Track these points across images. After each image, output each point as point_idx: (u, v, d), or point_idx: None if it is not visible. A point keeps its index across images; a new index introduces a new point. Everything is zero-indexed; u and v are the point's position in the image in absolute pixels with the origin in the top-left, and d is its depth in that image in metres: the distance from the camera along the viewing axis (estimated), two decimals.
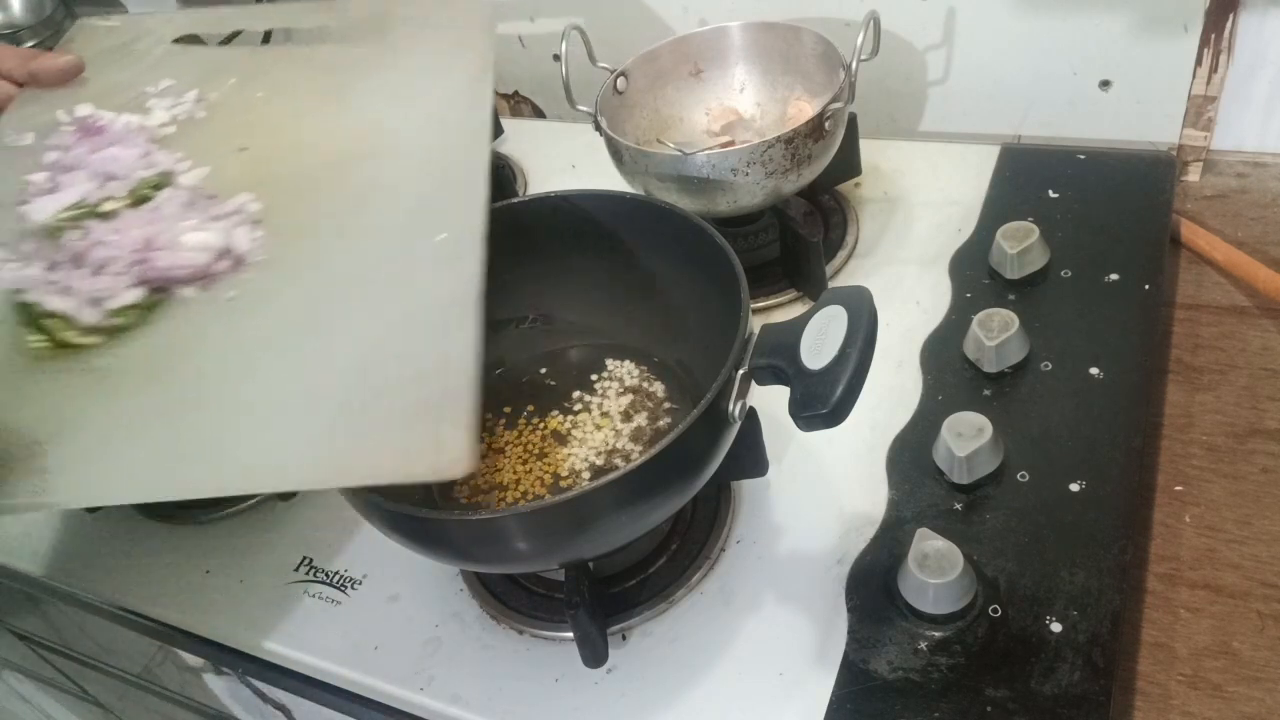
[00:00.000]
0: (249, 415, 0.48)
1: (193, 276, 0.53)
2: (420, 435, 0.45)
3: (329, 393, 0.48)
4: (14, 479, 0.46)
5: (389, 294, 0.52)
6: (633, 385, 0.67)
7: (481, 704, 0.58)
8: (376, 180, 0.60)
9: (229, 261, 0.55)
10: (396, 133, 0.63)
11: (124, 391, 0.49)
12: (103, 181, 0.59)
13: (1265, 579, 0.56)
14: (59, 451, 0.46)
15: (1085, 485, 0.60)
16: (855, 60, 0.72)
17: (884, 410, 0.67)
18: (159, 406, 0.48)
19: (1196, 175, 0.83)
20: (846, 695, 0.54)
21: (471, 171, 0.58)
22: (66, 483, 0.46)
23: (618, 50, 0.82)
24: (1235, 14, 0.75)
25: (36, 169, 0.61)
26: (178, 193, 0.58)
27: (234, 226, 0.56)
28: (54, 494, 0.45)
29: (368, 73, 0.69)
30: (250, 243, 0.56)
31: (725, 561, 0.62)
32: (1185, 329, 0.71)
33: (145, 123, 0.64)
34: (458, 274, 0.52)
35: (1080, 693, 0.51)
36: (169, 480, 0.46)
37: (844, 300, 0.50)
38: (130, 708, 1.13)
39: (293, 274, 0.54)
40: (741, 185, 0.71)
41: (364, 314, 0.52)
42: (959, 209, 0.81)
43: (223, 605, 0.67)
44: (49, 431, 0.47)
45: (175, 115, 0.65)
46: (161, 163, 0.61)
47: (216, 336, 0.51)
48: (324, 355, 0.50)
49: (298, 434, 0.47)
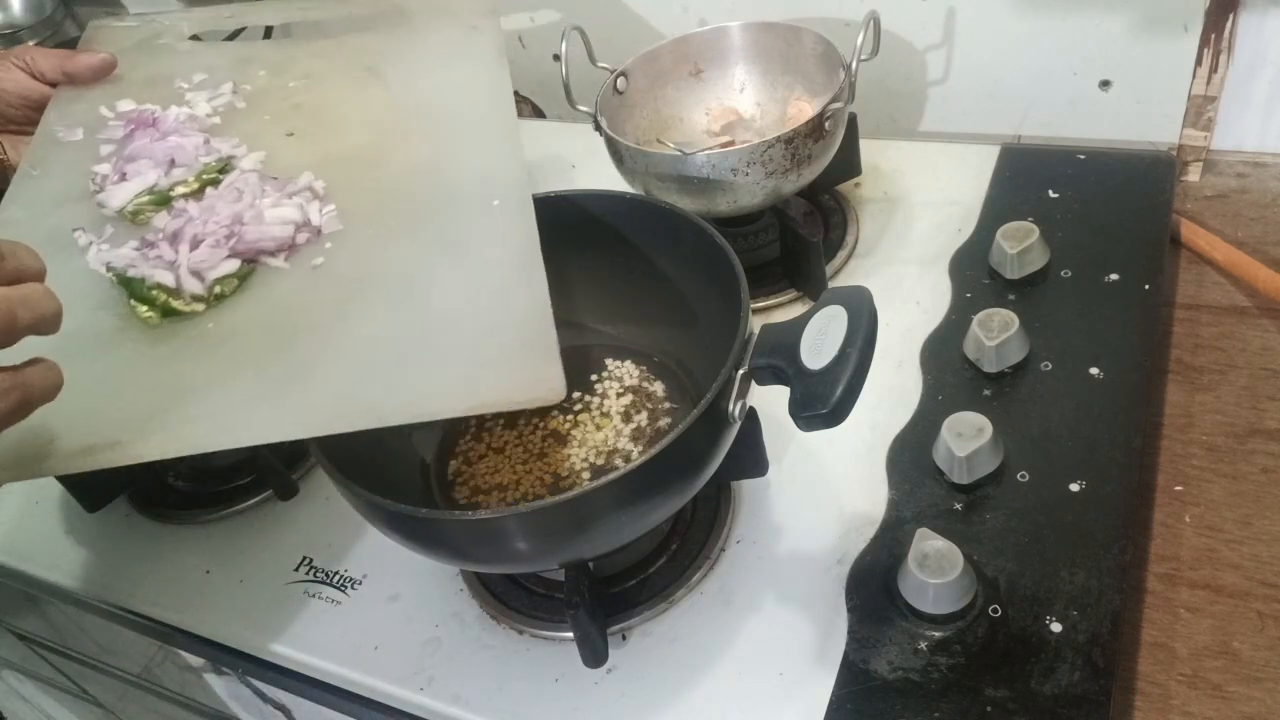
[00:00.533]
0: (361, 361, 0.52)
1: (279, 247, 0.58)
2: (522, 370, 0.50)
3: (431, 338, 0.53)
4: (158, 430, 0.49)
5: (462, 255, 0.57)
6: (633, 385, 0.67)
7: (481, 704, 0.58)
8: (423, 153, 0.65)
9: (309, 233, 0.59)
10: (431, 110, 0.68)
11: (240, 349, 0.54)
12: (168, 168, 0.63)
13: (1265, 579, 0.56)
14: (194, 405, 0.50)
15: (1085, 485, 0.60)
16: (855, 60, 0.72)
17: (884, 410, 0.67)
18: (274, 359, 0.53)
19: (1196, 175, 0.83)
20: (846, 695, 0.54)
21: (507, 140, 0.64)
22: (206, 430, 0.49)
23: (618, 50, 0.82)
24: (1235, 14, 0.75)
25: (97, 161, 0.65)
26: (246, 175, 0.62)
27: (307, 202, 0.60)
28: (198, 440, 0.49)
29: (393, 57, 0.73)
30: (323, 216, 0.60)
31: (725, 561, 0.62)
32: (1185, 329, 0.71)
33: (194, 113, 0.68)
34: (517, 233, 0.57)
35: (1080, 693, 0.51)
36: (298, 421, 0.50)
37: (844, 300, 0.50)
38: (130, 708, 1.13)
39: (369, 241, 0.59)
40: (741, 185, 0.71)
41: (444, 272, 0.56)
42: (959, 209, 0.81)
43: (223, 605, 0.67)
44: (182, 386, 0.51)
45: (216, 106, 0.69)
46: (220, 149, 0.65)
47: (312, 298, 0.56)
48: (417, 308, 0.55)
49: (410, 374, 0.51)
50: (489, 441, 0.66)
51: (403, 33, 0.76)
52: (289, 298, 0.56)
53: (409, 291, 0.56)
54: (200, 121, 0.67)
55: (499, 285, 0.55)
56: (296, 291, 0.56)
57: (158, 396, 0.51)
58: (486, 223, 0.59)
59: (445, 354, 0.52)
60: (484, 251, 0.57)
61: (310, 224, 0.59)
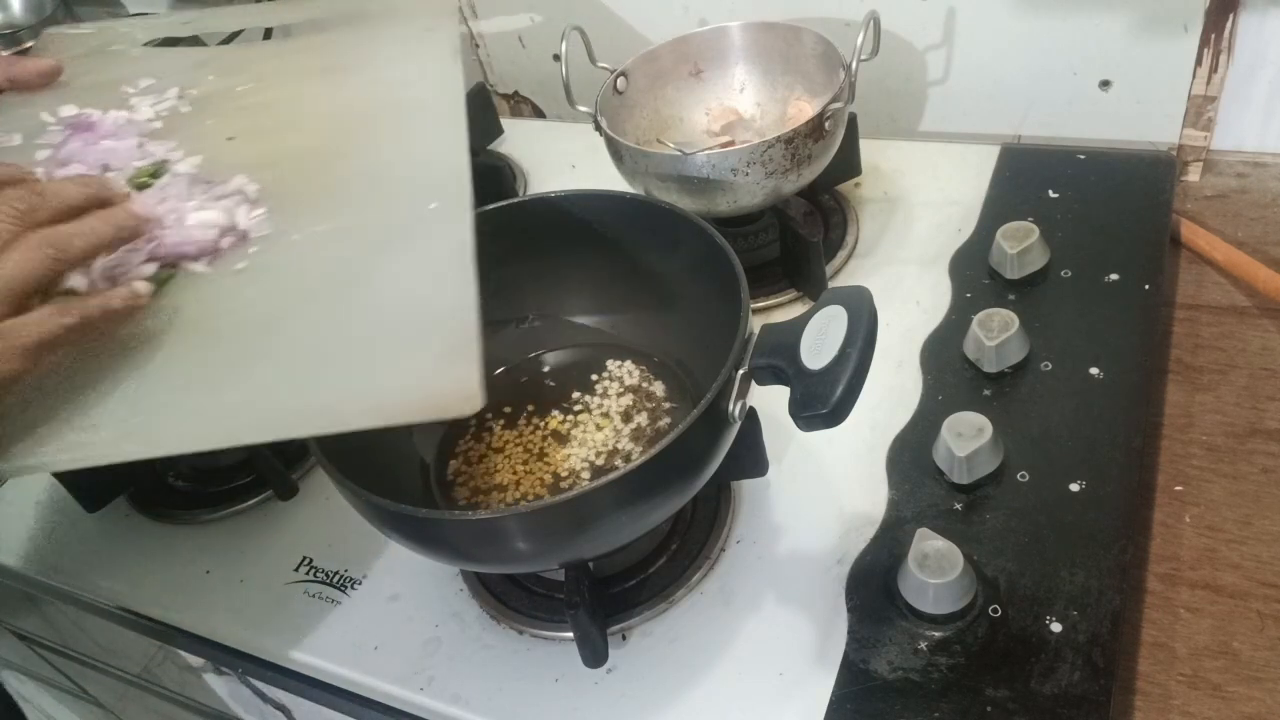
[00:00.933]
0: (272, 371, 0.51)
1: (201, 252, 0.56)
2: (439, 381, 0.48)
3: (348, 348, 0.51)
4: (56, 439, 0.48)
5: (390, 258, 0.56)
6: (633, 385, 0.67)
7: (481, 704, 0.58)
8: (365, 155, 0.63)
9: (234, 238, 0.58)
10: (379, 111, 0.67)
11: (148, 356, 0.52)
12: (100, 173, 0.61)
13: (1265, 579, 0.56)
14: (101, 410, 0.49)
15: (1085, 485, 0.60)
16: (855, 60, 0.72)
17: (884, 410, 0.67)
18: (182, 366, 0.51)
19: (1196, 175, 0.83)
20: (846, 695, 0.54)
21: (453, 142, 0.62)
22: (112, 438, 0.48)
23: (618, 50, 0.82)
24: (1235, 14, 0.75)
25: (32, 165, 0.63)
26: (177, 178, 0.60)
27: (235, 206, 0.59)
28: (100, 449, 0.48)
29: (347, 58, 0.72)
30: (251, 220, 0.58)
31: (725, 561, 0.62)
32: (1185, 329, 0.71)
33: (134, 118, 0.66)
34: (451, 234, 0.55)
35: (1080, 693, 0.51)
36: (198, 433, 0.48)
37: (844, 300, 0.50)
38: (130, 708, 1.13)
39: (297, 246, 0.57)
40: (741, 185, 0.71)
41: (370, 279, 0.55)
42: (959, 209, 0.81)
43: (223, 605, 0.67)
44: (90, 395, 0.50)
45: (160, 111, 0.68)
46: (155, 153, 0.63)
47: (230, 303, 0.55)
48: (337, 316, 0.53)
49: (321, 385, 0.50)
50: (489, 442, 0.66)
51: (360, 33, 0.75)
52: (207, 304, 0.54)
53: (331, 299, 0.54)
54: (140, 126, 0.66)
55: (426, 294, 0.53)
56: (216, 297, 0.55)
57: (55, 403, 0.49)
58: (420, 228, 0.57)
59: (360, 365, 0.50)
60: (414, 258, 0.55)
61: (236, 228, 0.58)
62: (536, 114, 1.14)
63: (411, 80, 0.69)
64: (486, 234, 0.59)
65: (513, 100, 1.15)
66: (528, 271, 0.68)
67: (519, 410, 0.68)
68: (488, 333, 0.49)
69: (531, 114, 1.15)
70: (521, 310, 0.71)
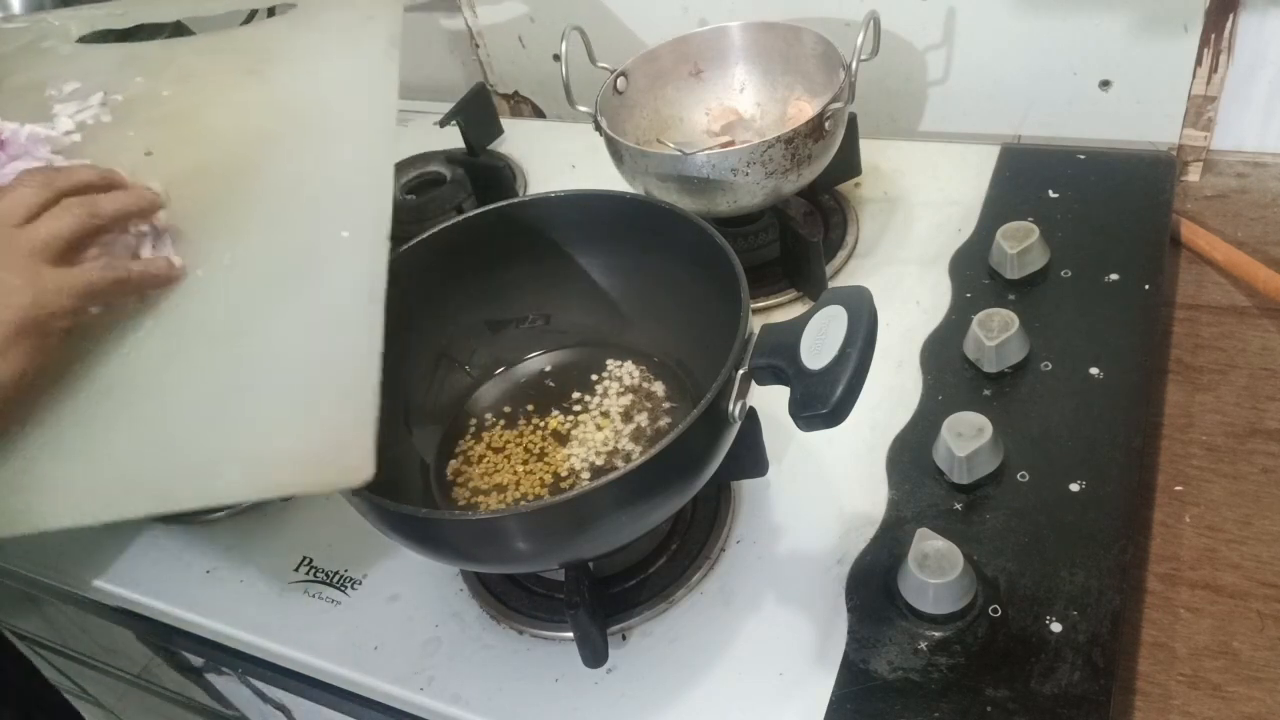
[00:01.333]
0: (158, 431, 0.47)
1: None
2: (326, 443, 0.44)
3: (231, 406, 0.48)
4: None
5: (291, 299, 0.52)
6: (633, 385, 0.67)
7: (481, 704, 0.58)
8: (283, 168, 0.60)
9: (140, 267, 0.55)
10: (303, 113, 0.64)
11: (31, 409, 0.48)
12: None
13: (1265, 579, 0.56)
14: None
15: (1085, 485, 0.60)
16: (855, 60, 0.72)
17: (884, 410, 0.67)
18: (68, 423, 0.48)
19: (1196, 175, 0.83)
20: (846, 695, 0.54)
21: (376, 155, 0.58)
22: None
23: (618, 50, 0.82)
24: (1235, 14, 0.75)
25: None
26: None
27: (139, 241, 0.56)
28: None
29: (276, 51, 0.69)
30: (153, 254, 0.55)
31: (725, 561, 0.62)
32: (1185, 329, 0.71)
33: (49, 132, 0.64)
34: (360, 269, 0.51)
35: (1080, 693, 0.51)
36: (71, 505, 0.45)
37: (844, 300, 0.50)
38: (130, 708, 1.14)
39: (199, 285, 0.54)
40: (741, 185, 0.71)
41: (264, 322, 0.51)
42: (959, 209, 0.81)
43: (223, 605, 0.67)
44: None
45: (81, 121, 0.65)
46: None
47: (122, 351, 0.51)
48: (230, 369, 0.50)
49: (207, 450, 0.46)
50: (489, 442, 0.66)
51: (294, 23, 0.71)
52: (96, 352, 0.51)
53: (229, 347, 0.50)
54: (56, 141, 0.63)
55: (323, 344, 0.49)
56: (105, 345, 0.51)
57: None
58: (329, 262, 0.52)
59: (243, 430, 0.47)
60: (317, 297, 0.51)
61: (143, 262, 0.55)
62: (536, 114, 1.14)
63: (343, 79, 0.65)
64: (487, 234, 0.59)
65: (513, 100, 1.15)
66: (528, 271, 0.68)
67: (519, 410, 0.68)
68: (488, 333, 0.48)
69: (531, 114, 1.15)
70: (521, 310, 0.71)
